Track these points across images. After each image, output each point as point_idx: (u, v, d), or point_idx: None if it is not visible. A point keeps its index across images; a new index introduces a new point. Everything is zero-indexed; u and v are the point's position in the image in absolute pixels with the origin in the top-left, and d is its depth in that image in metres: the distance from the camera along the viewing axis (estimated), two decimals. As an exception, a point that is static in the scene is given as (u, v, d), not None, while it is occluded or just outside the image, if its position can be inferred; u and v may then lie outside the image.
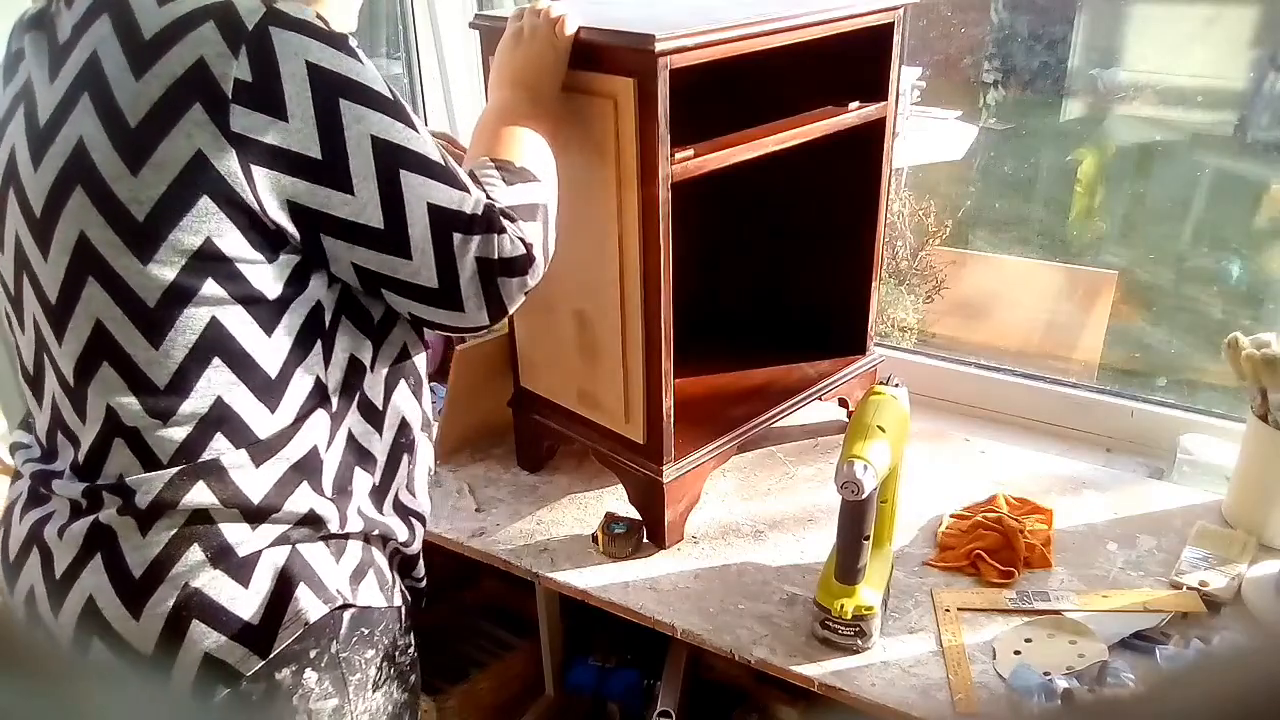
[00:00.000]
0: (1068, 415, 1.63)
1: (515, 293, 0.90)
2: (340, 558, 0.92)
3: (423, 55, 2.00)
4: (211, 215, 0.78)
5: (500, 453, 1.54)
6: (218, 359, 0.83)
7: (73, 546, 0.86)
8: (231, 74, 0.76)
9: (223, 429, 0.84)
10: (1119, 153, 2.09)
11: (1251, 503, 1.29)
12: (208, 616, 0.84)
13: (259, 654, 0.85)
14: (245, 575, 0.86)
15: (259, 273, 0.82)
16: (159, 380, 0.82)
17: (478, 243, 0.85)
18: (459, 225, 0.85)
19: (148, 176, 0.77)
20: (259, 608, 0.86)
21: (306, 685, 0.88)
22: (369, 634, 0.94)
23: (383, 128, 0.82)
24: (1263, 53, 1.72)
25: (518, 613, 1.79)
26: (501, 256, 0.87)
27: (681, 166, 1.12)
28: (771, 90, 1.33)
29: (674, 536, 1.31)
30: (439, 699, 1.59)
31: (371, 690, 0.94)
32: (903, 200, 2.29)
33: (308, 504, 0.88)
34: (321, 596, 0.89)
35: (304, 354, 0.87)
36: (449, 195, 0.85)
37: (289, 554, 0.88)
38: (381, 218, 0.82)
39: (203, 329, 0.81)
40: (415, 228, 0.83)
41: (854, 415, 1.14)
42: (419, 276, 0.85)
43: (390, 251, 0.83)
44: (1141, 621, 1.14)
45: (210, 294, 0.81)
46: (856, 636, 1.11)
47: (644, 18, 1.11)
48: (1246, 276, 1.91)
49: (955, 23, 2.12)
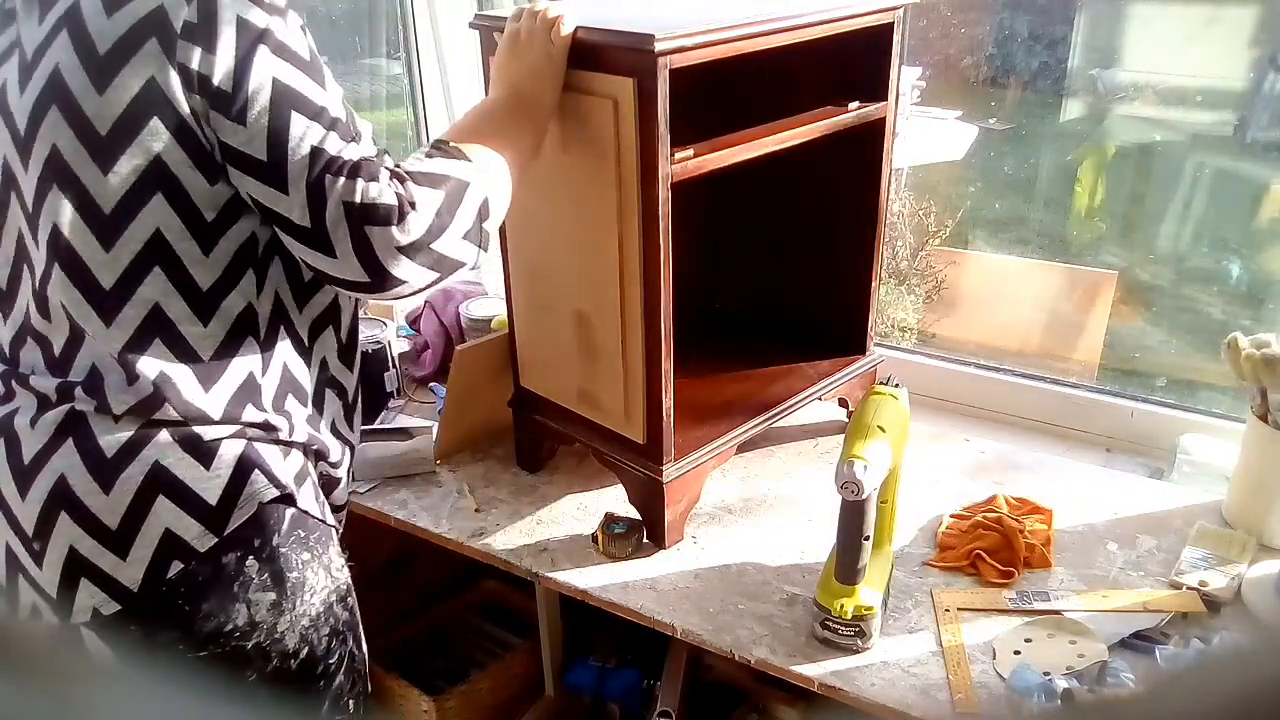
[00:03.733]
0: (1068, 415, 1.63)
1: (383, 246, 0.92)
2: (287, 457, 1.00)
3: (423, 55, 2.00)
4: (160, 134, 0.89)
5: (500, 453, 1.54)
6: (158, 267, 0.92)
7: (44, 433, 0.93)
8: (182, 16, 0.88)
9: (160, 336, 0.93)
10: (1119, 153, 2.09)
11: (1251, 503, 1.29)
12: (173, 493, 0.92)
13: (214, 532, 0.93)
14: (208, 459, 0.94)
15: (200, 193, 0.91)
16: (105, 282, 0.91)
17: (343, 184, 0.90)
18: (332, 168, 0.90)
19: (110, 96, 0.88)
20: (220, 488, 0.94)
21: (247, 574, 0.95)
22: (305, 537, 1.00)
23: (288, 76, 0.90)
24: (1263, 53, 1.72)
25: (518, 613, 1.79)
26: (364, 200, 0.90)
27: (681, 166, 1.12)
28: (771, 90, 1.33)
29: (674, 536, 1.31)
30: (439, 699, 1.59)
31: (309, 595, 1.00)
32: (903, 200, 2.29)
33: (261, 416, 0.97)
34: (273, 482, 0.97)
35: (236, 278, 0.95)
36: (334, 142, 0.91)
37: (245, 445, 0.97)
38: (265, 150, 0.89)
39: (147, 238, 0.91)
40: (294, 165, 0.90)
41: (854, 415, 1.14)
42: (293, 213, 0.91)
43: (272, 184, 0.90)
44: (1141, 621, 1.14)
45: (156, 206, 0.90)
46: (856, 636, 1.11)
47: (644, 18, 1.11)
48: (1246, 276, 1.91)
49: (955, 23, 2.12)
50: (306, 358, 1.03)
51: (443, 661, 1.75)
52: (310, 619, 1.00)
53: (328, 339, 1.06)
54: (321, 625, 1.02)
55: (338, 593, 1.05)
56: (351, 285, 0.94)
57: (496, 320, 1.66)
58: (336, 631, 1.04)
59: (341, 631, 1.05)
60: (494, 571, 1.37)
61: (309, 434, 1.02)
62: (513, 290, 1.39)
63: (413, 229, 0.92)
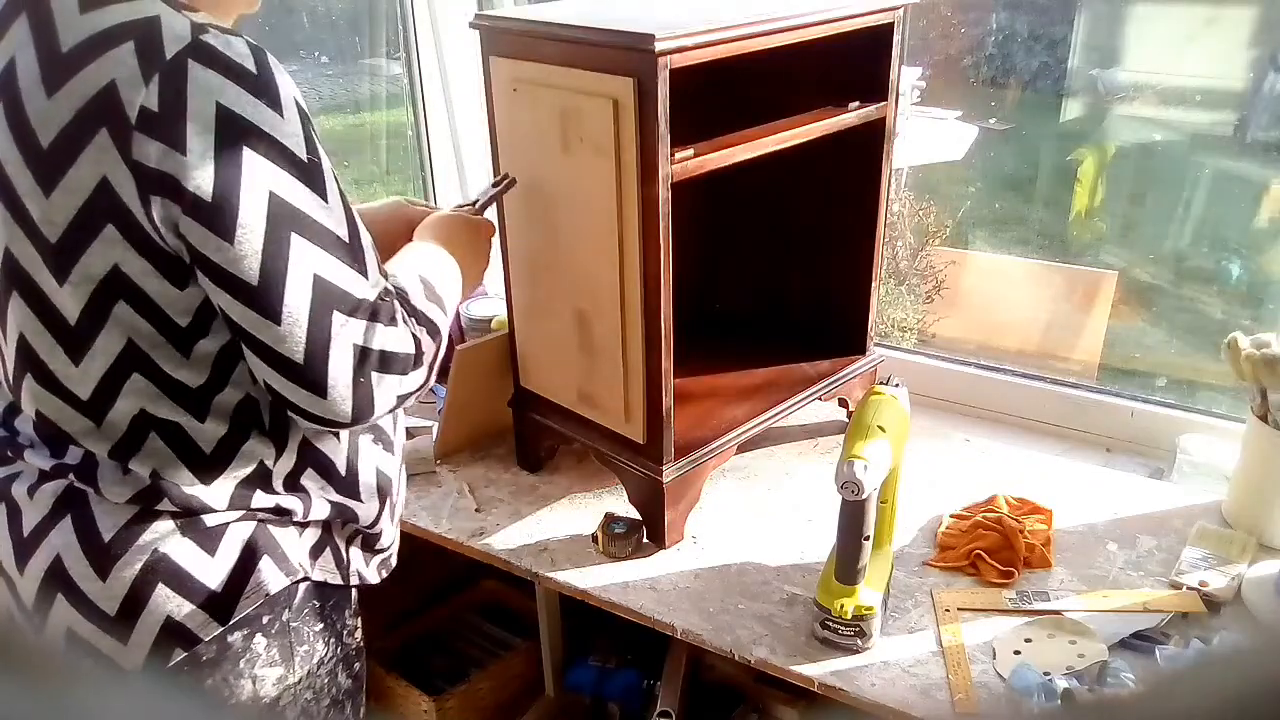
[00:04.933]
0: (1068, 415, 1.63)
1: (387, 394, 0.84)
2: (302, 534, 0.94)
3: (423, 55, 2.00)
4: (117, 244, 0.78)
5: (500, 453, 1.54)
6: (137, 374, 0.83)
7: (43, 506, 0.87)
8: (138, 101, 0.74)
9: (154, 433, 0.85)
10: (1119, 153, 2.09)
11: (1251, 503, 1.29)
12: (174, 582, 0.86)
13: (219, 621, 0.88)
14: (212, 545, 0.88)
15: (169, 301, 0.81)
16: (81, 393, 0.83)
17: (361, 328, 0.81)
18: (344, 305, 0.81)
19: (58, 200, 0.77)
20: (224, 576, 0.88)
21: (255, 650, 0.91)
22: (320, 607, 0.96)
23: (285, 188, 0.78)
24: (1262, 53, 1.72)
25: (518, 613, 1.79)
26: (384, 349, 0.82)
27: (681, 166, 1.12)
28: (771, 90, 1.33)
29: (674, 536, 1.31)
30: (439, 699, 1.59)
31: (317, 667, 0.96)
32: (903, 200, 2.29)
33: (271, 501, 0.90)
34: (283, 569, 0.91)
35: (227, 372, 0.86)
36: (341, 273, 0.81)
37: (255, 528, 0.90)
38: (257, 274, 0.78)
39: (118, 350, 0.82)
40: (294, 295, 0.79)
41: (854, 415, 1.14)
42: (283, 345, 0.80)
43: (258, 311, 0.79)
44: (1141, 621, 1.14)
45: (122, 315, 0.81)
46: (856, 636, 1.11)
47: (644, 18, 1.11)
48: (1246, 276, 1.91)
49: (955, 23, 2.12)
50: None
51: (443, 661, 1.75)
52: (314, 691, 0.97)
53: None
54: (323, 696, 0.98)
55: (345, 660, 1.01)
56: (317, 419, 0.83)
57: (496, 320, 1.66)
58: (337, 701, 1.00)
59: (341, 701, 1.01)
60: (494, 571, 1.37)
61: (331, 505, 0.94)
62: (513, 290, 1.39)
63: (415, 380, 0.86)
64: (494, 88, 1.25)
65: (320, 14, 2.22)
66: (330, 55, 2.27)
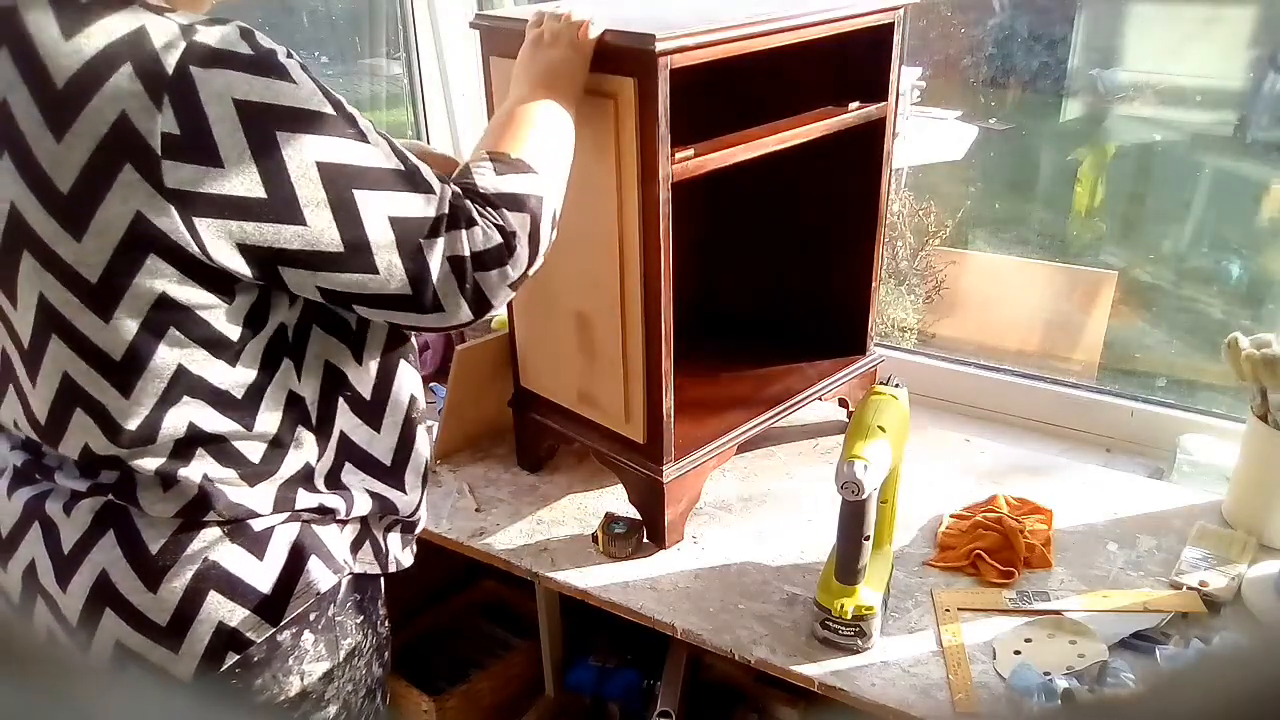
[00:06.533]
0: (1068, 415, 1.63)
1: (497, 285, 0.87)
2: (344, 529, 0.96)
3: (423, 55, 2.00)
4: (162, 270, 0.77)
5: (500, 453, 1.54)
6: (186, 396, 0.83)
7: (82, 522, 0.86)
8: (158, 129, 0.72)
9: (203, 448, 0.85)
10: (1119, 153, 2.09)
11: (1251, 503, 1.29)
12: (225, 589, 0.87)
13: (271, 622, 0.89)
14: (261, 549, 0.88)
15: (218, 316, 0.82)
16: (130, 424, 0.83)
17: (445, 242, 0.84)
18: (424, 230, 0.83)
19: (90, 244, 0.75)
20: (274, 578, 0.89)
21: (304, 646, 0.92)
22: (360, 600, 0.97)
23: (327, 150, 0.78)
24: (1262, 53, 1.72)
25: (518, 613, 1.79)
26: (474, 251, 0.85)
27: (681, 166, 1.12)
28: (771, 90, 1.33)
29: (674, 536, 1.31)
30: (439, 699, 1.59)
31: (357, 658, 0.98)
32: (903, 200, 2.29)
33: (315, 500, 0.91)
34: (331, 566, 0.93)
35: (271, 373, 0.87)
36: (409, 203, 0.82)
37: (300, 529, 0.91)
38: (340, 240, 0.79)
39: (171, 376, 0.82)
40: (378, 242, 0.81)
41: (854, 415, 1.14)
42: (389, 287, 0.83)
43: (356, 270, 0.81)
44: (1141, 621, 1.14)
45: (174, 341, 0.81)
46: (856, 636, 1.11)
47: (644, 18, 1.11)
48: (1246, 276, 1.90)
49: (955, 23, 2.12)
50: (377, 415, 0.96)
51: (443, 661, 1.75)
52: (354, 682, 0.98)
53: (404, 371, 0.98)
54: (360, 686, 0.99)
55: (378, 650, 1.02)
56: (449, 329, 0.89)
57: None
58: (371, 690, 1.01)
59: (374, 689, 1.02)
60: (494, 571, 1.37)
61: (373, 498, 0.97)
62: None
63: (520, 261, 0.88)
64: (494, 88, 1.25)
65: (320, 14, 2.22)
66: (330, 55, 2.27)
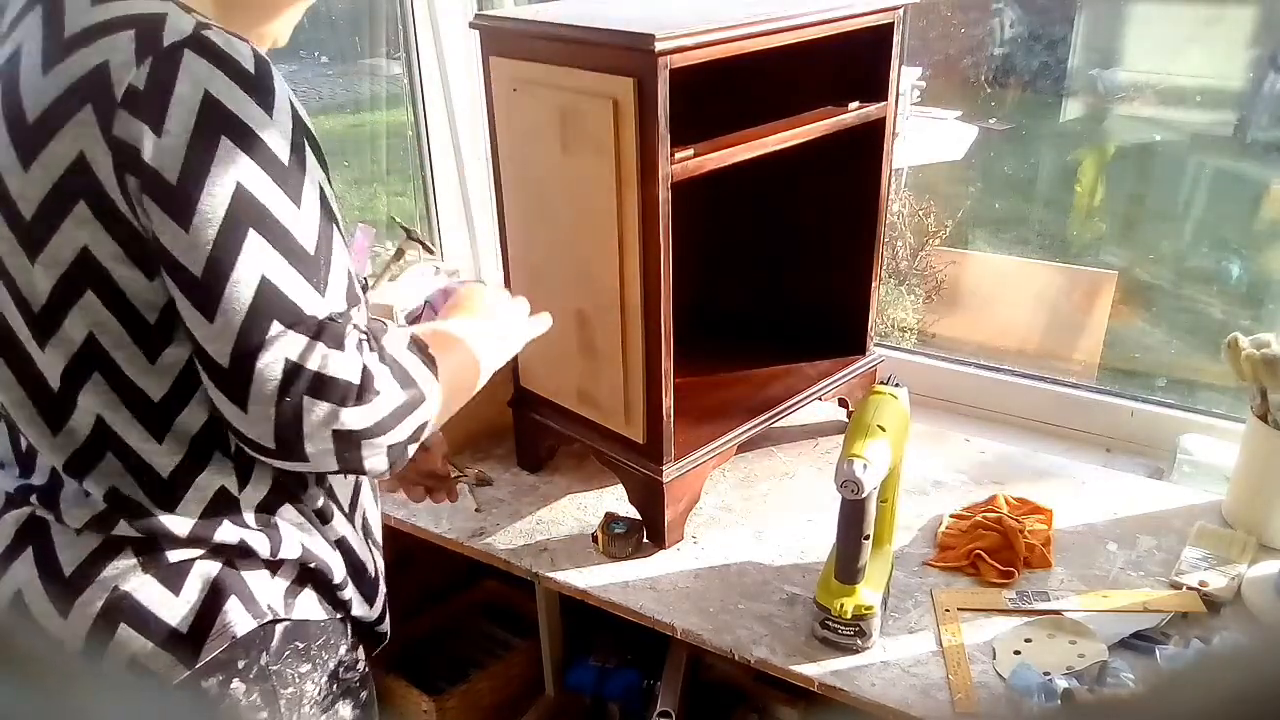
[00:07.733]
0: (1068, 415, 1.63)
1: (317, 424, 0.75)
2: (275, 575, 0.89)
3: (423, 55, 2.00)
4: (88, 223, 0.75)
5: (500, 453, 1.54)
6: (97, 373, 0.80)
7: (6, 535, 0.85)
8: (127, 80, 0.73)
9: (110, 451, 0.82)
10: (1119, 153, 2.09)
11: (1251, 503, 1.29)
12: (136, 621, 0.83)
13: (184, 664, 0.84)
14: (176, 583, 0.84)
15: (137, 289, 0.78)
16: (50, 378, 0.80)
17: (298, 343, 0.74)
18: (285, 315, 0.74)
19: (35, 174, 0.75)
20: (187, 616, 0.84)
21: (234, 696, 0.86)
22: (304, 648, 0.90)
23: (256, 183, 0.74)
24: (1262, 53, 1.72)
25: (518, 613, 1.79)
26: (320, 371, 0.74)
27: (681, 166, 1.12)
28: (771, 90, 1.33)
29: (674, 536, 1.31)
30: (439, 699, 1.59)
31: (309, 706, 0.91)
32: (903, 200, 2.29)
33: (236, 536, 0.85)
34: (251, 611, 0.86)
35: (190, 390, 0.81)
36: (292, 282, 0.75)
37: (220, 569, 0.85)
38: (203, 265, 0.74)
39: (82, 339, 0.78)
40: (234, 292, 0.74)
41: (854, 415, 1.14)
42: (212, 344, 0.75)
43: (197, 303, 0.75)
44: (1141, 621, 1.14)
45: (89, 304, 0.77)
46: (856, 636, 1.11)
47: (644, 18, 1.11)
48: (1246, 276, 1.91)
49: (955, 23, 2.12)
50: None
51: (443, 661, 1.75)
52: None
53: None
54: None
55: (346, 693, 0.96)
56: (249, 443, 0.78)
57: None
58: None
59: None
60: (494, 571, 1.37)
61: (303, 549, 0.89)
62: (512, 290, 1.39)
63: (362, 418, 0.76)
64: (494, 88, 1.25)
65: (320, 14, 2.22)
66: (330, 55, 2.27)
